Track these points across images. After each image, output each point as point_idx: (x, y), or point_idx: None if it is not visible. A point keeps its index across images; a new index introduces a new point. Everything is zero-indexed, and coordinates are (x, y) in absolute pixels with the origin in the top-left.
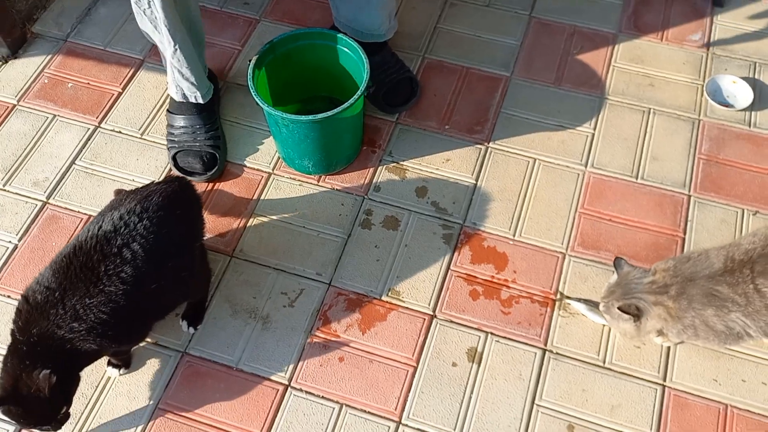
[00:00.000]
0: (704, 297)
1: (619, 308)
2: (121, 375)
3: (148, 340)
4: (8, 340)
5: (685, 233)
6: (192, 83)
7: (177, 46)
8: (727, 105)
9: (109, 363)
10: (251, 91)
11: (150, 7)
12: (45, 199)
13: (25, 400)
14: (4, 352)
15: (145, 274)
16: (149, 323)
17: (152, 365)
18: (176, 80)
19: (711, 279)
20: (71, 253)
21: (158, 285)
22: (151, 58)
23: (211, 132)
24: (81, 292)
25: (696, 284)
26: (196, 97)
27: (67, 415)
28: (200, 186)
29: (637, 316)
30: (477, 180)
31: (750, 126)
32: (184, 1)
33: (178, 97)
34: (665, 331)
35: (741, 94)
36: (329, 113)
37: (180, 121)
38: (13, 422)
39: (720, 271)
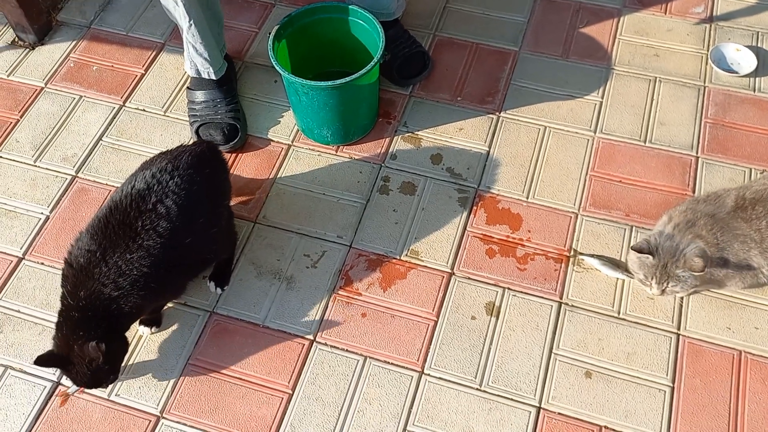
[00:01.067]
0: (729, 231)
1: (690, 269)
2: (152, 333)
3: (178, 301)
4: (59, 305)
5: (694, 192)
6: (205, 59)
7: (192, 22)
8: (731, 71)
9: (141, 322)
10: (272, 59)
11: None
12: (74, 173)
13: (77, 367)
14: (50, 317)
15: (179, 228)
16: (184, 280)
17: (182, 324)
18: (191, 55)
19: (729, 215)
20: (107, 214)
21: (191, 239)
22: (172, 41)
23: (231, 105)
24: (122, 249)
25: (718, 219)
26: (209, 72)
27: (115, 378)
28: None
29: (704, 267)
30: (490, 147)
31: (755, 91)
32: None
33: (192, 72)
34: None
35: (745, 60)
36: (347, 79)
37: (201, 95)
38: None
39: (733, 207)
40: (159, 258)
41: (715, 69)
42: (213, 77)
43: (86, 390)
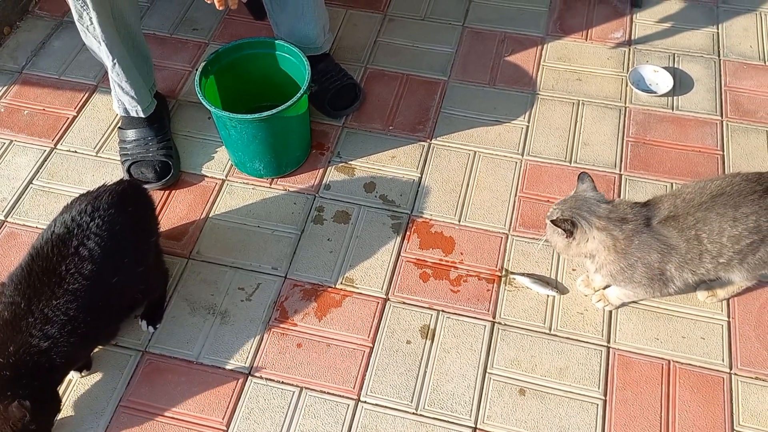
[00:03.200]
0: (655, 241)
1: (552, 221)
2: (82, 377)
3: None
4: None
5: None
6: (132, 97)
7: (115, 61)
8: (650, 92)
9: None
10: (198, 95)
11: (92, 23)
12: (3, 218)
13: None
14: None
15: (104, 269)
16: (115, 321)
17: (113, 365)
18: (117, 94)
19: (662, 224)
20: (30, 262)
21: (118, 279)
22: (105, 83)
23: (163, 143)
24: (47, 296)
25: (651, 229)
26: (137, 110)
27: None
28: (156, 194)
29: (570, 233)
30: (422, 173)
31: (673, 109)
32: (123, 19)
33: (120, 111)
34: (597, 263)
35: (662, 81)
36: (274, 111)
37: (132, 134)
38: None
39: (666, 216)
40: (87, 301)
41: (635, 90)
42: (141, 115)
43: None
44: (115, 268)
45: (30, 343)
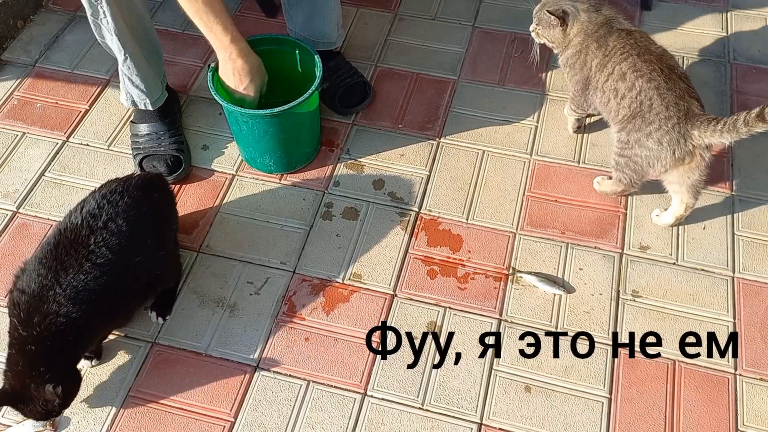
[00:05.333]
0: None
1: (549, 11)
2: (92, 366)
3: (119, 333)
4: (8, 338)
5: (626, 208)
6: (141, 90)
7: (127, 55)
8: None
9: None
10: (211, 90)
11: (105, 16)
12: (15, 209)
13: (31, 404)
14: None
15: (129, 246)
16: (134, 302)
17: (123, 356)
18: (126, 87)
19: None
20: (57, 237)
21: (140, 259)
22: (117, 77)
23: (174, 137)
24: (74, 269)
25: (609, 32)
26: (145, 103)
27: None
28: None
29: (563, 20)
30: (430, 171)
31: None
32: (136, 13)
33: (127, 104)
34: (566, 50)
35: None
36: (285, 107)
37: (144, 128)
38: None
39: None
40: (111, 277)
41: None
42: (150, 108)
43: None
44: (139, 248)
45: (55, 312)
